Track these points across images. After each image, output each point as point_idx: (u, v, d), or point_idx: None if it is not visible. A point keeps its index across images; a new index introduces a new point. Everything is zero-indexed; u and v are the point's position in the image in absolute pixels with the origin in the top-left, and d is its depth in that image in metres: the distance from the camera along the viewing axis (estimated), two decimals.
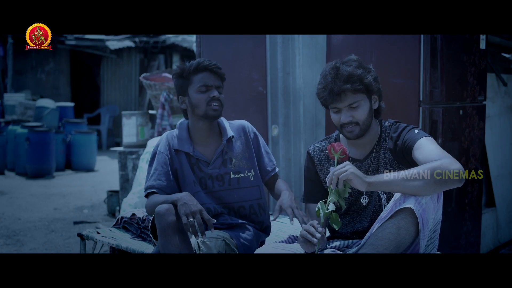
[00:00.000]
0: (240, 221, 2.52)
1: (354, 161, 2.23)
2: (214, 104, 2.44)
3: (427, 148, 2.06)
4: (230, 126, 2.58)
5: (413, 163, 2.10)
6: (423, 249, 2.01)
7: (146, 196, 2.47)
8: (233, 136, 2.54)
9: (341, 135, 2.31)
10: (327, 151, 2.31)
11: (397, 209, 1.96)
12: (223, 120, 2.58)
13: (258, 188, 2.56)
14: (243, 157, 2.54)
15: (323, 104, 2.24)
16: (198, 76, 2.45)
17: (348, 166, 1.96)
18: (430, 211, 1.97)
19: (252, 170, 2.54)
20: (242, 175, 2.52)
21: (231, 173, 2.51)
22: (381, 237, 1.96)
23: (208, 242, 2.33)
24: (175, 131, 2.56)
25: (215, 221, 2.29)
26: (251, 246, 2.48)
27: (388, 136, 2.23)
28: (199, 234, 2.19)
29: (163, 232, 2.21)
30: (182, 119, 2.61)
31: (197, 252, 2.29)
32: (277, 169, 2.64)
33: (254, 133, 2.61)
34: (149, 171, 2.50)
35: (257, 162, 2.58)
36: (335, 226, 2.06)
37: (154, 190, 2.44)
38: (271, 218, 2.39)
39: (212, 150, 2.52)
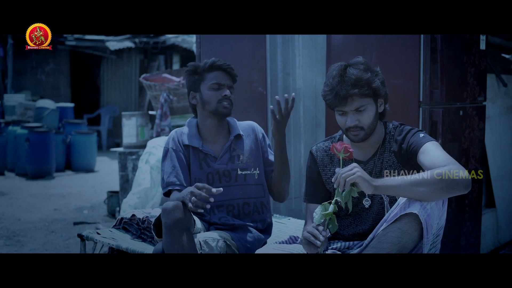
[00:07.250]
0: (242, 222, 2.53)
1: (357, 163, 2.20)
2: (225, 102, 2.52)
3: (433, 153, 2.04)
4: (239, 125, 2.64)
5: (417, 167, 2.10)
6: (426, 253, 2.00)
7: (167, 193, 2.48)
8: (241, 134, 2.60)
9: (344, 135, 2.29)
10: (330, 152, 2.30)
11: (401, 214, 1.95)
12: (232, 119, 2.65)
13: (262, 187, 2.60)
14: (251, 155, 2.58)
15: (328, 106, 2.21)
16: (212, 74, 2.53)
17: (355, 169, 1.94)
18: (435, 217, 1.96)
19: (258, 169, 2.58)
20: (248, 172, 2.56)
21: (238, 169, 2.55)
22: (384, 240, 1.95)
23: (210, 242, 2.33)
24: (184, 129, 2.61)
25: (221, 189, 2.26)
26: (252, 248, 2.47)
27: (393, 139, 2.21)
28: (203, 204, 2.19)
29: (168, 230, 2.20)
30: (191, 118, 2.67)
31: (199, 251, 2.28)
32: None
33: (262, 133, 2.67)
34: (166, 169, 2.52)
35: (262, 161, 2.62)
36: (330, 228, 2.02)
37: (177, 188, 2.46)
38: None
39: (220, 146, 2.57)
